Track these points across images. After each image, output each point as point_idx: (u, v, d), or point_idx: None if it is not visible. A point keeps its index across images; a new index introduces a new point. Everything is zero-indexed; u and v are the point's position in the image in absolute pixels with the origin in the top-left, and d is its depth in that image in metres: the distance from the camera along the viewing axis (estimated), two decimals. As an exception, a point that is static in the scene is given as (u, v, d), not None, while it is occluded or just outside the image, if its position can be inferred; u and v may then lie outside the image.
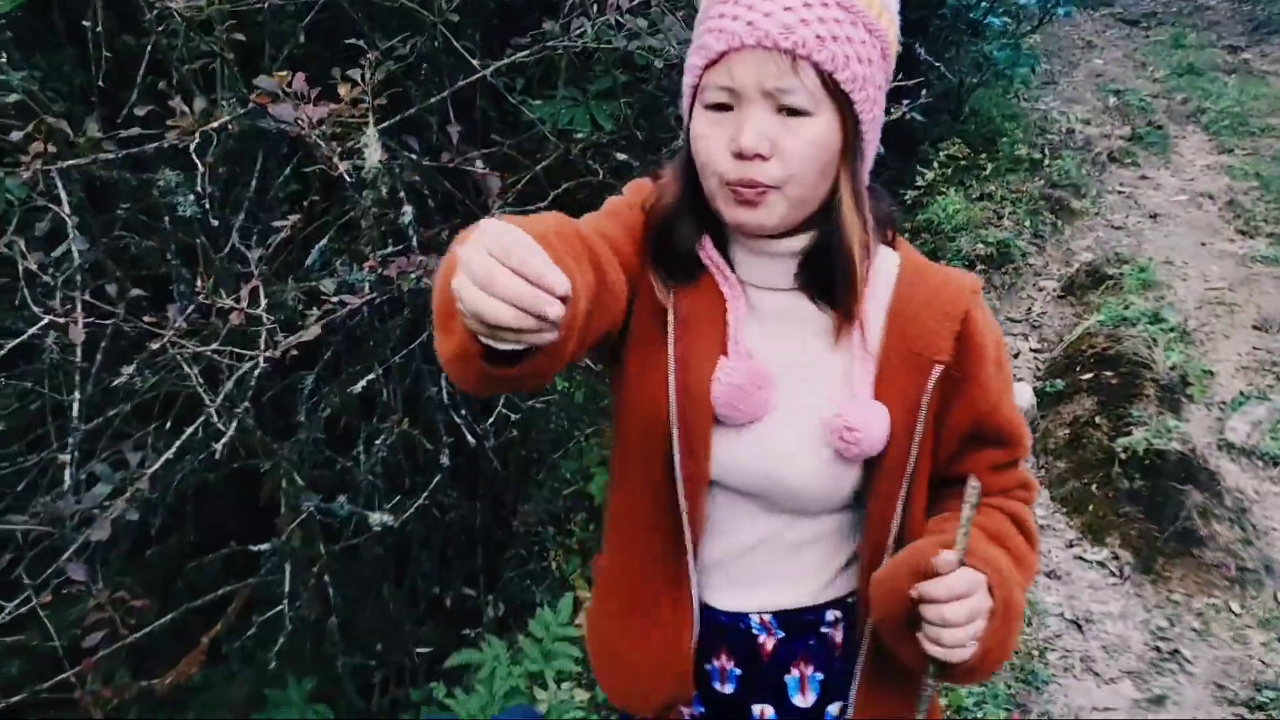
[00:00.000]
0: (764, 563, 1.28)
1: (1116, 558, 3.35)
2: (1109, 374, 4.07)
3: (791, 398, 1.19)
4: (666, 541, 1.25)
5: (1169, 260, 5.31)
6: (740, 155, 1.06)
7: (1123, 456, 3.56)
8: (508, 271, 0.79)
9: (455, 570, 4.32)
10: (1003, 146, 6.54)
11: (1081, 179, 6.39)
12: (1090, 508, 3.54)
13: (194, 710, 3.69)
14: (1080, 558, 3.38)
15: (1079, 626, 3.08)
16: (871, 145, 1.14)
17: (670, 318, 1.19)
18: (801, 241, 1.16)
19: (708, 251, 1.21)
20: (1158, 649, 2.98)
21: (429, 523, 3.87)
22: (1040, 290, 5.31)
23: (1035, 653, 2.94)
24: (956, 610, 1.03)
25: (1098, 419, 3.85)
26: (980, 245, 5.40)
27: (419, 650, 4.12)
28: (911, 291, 1.20)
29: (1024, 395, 4.21)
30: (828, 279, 1.16)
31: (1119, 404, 3.88)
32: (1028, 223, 5.78)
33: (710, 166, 1.09)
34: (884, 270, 1.22)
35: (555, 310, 0.80)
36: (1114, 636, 3.04)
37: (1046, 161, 6.44)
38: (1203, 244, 5.54)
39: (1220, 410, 4.03)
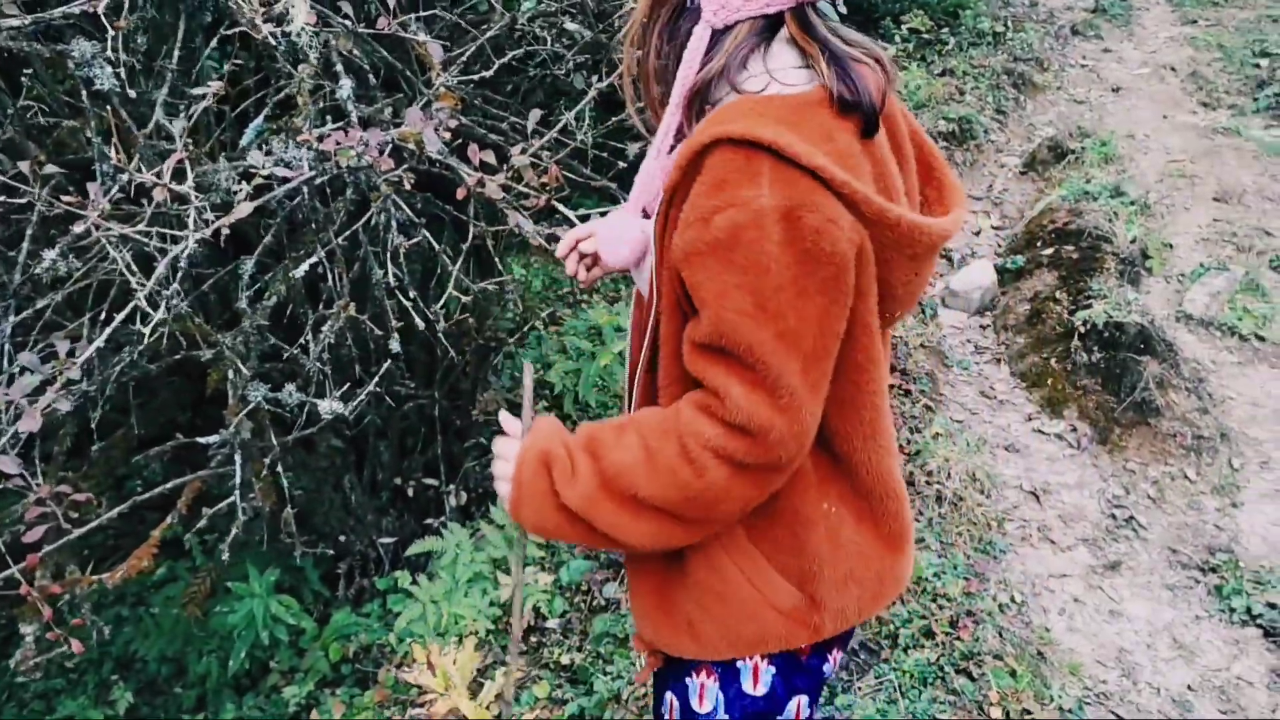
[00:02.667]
0: None
1: (1074, 429, 3.38)
2: (1069, 249, 4.05)
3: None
4: None
5: (1131, 134, 5.26)
6: None
7: (1082, 330, 3.56)
8: None
9: (415, 460, 4.30)
10: (965, 20, 6.38)
11: (1044, 52, 6.28)
12: (1049, 382, 3.56)
13: (156, 605, 3.68)
14: (1039, 431, 3.41)
15: (1036, 497, 3.11)
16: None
17: None
18: None
19: None
20: (1113, 517, 3.03)
21: (386, 413, 3.82)
22: (1002, 167, 5.25)
23: (993, 523, 2.98)
24: (495, 462, 1.24)
25: (1058, 294, 3.84)
26: (943, 121, 5.30)
27: (383, 540, 4.13)
28: (719, 110, 1.12)
29: (985, 272, 4.18)
30: None
31: (1079, 279, 3.87)
32: (990, 98, 5.68)
33: None
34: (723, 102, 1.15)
35: None
36: (1070, 506, 3.08)
37: (1009, 35, 6.30)
38: (1164, 117, 5.48)
39: (1179, 282, 4.04)
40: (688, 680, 1.34)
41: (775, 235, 1.00)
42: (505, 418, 1.28)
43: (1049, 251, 4.11)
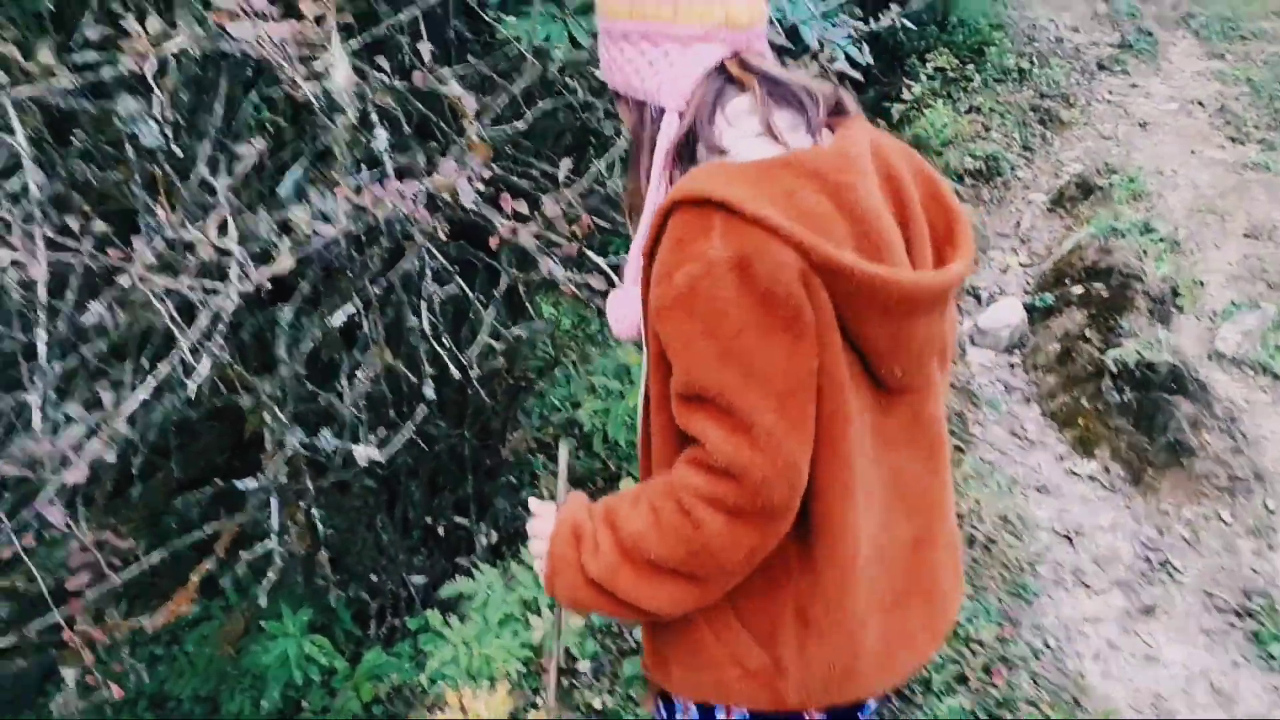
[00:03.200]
0: None
1: (1107, 470, 3.35)
2: (1099, 286, 4.04)
3: None
4: None
5: (1159, 169, 5.24)
6: None
7: (1113, 369, 3.54)
8: None
9: (446, 499, 4.32)
10: (991, 56, 6.41)
11: (1070, 88, 6.29)
12: (1080, 421, 3.54)
13: (190, 644, 3.72)
14: (1071, 472, 3.38)
15: (1069, 540, 3.09)
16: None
17: None
18: None
19: None
20: (1148, 560, 3.00)
21: (417, 453, 3.85)
22: (1029, 203, 5.25)
23: (1025, 566, 2.96)
24: (531, 540, 1.31)
25: (1088, 332, 3.83)
26: (969, 159, 5.33)
27: (414, 580, 4.15)
28: (686, 176, 1.16)
29: (1014, 310, 4.18)
30: None
31: (1109, 316, 3.86)
32: (1016, 135, 5.70)
33: None
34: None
35: None
36: (1104, 548, 3.05)
37: (1035, 71, 6.33)
38: (1193, 152, 5.47)
39: (1211, 320, 4.01)
40: (676, 701, 1.38)
41: (729, 282, 1.06)
42: (534, 504, 1.33)
43: (1079, 289, 4.10)
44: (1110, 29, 7.30)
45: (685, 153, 1.22)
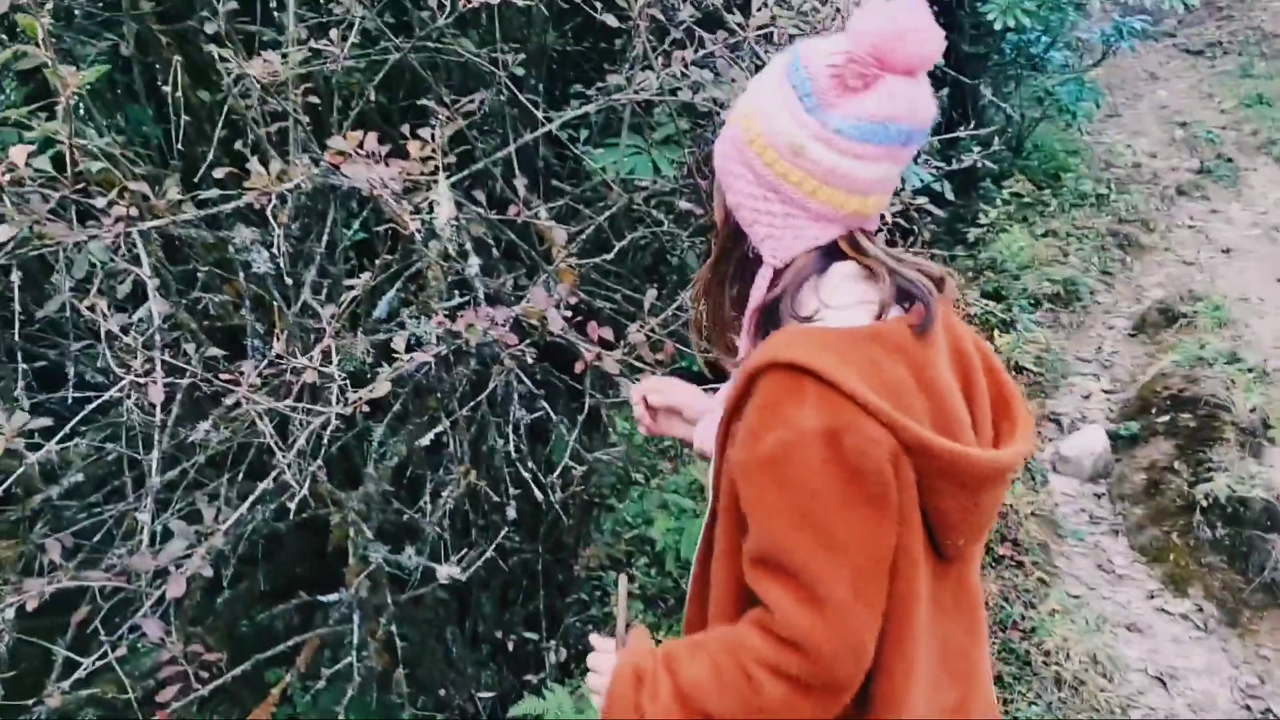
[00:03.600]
0: None
1: (1200, 610, 3.23)
2: (1186, 416, 3.96)
3: None
4: None
5: (1244, 297, 5.17)
6: None
7: (1204, 504, 3.44)
8: None
9: (517, 614, 4.31)
10: (1067, 182, 6.44)
11: (1150, 213, 6.27)
12: (1171, 557, 3.43)
13: (260, 755, 3.71)
14: (1162, 610, 3.27)
15: (1163, 683, 2.96)
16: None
17: None
18: None
19: None
20: (1247, 708, 2.86)
21: (490, 566, 3.87)
22: (1110, 329, 5.19)
23: (1118, 710, 2.84)
24: (590, 675, 1.29)
25: (1176, 464, 3.74)
26: (1047, 283, 5.31)
27: (482, 695, 4.11)
28: (777, 335, 1.19)
29: (1097, 438, 4.10)
30: None
31: (1198, 448, 3.76)
32: (1095, 259, 5.68)
33: None
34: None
35: None
36: (1200, 694, 2.92)
37: (1113, 196, 6.33)
38: (1278, 279, 5.38)
39: (1305, 454, 3.89)
40: None
41: (819, 454, 1.07)
42: (596, 639, 1.34)
43: (1164, 418, 4.02)
44: (1189, 154, 7.30)
45: (769, 311, 1.24)
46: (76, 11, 2.49)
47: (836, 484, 1.07)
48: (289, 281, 2.18)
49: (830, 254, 1.21)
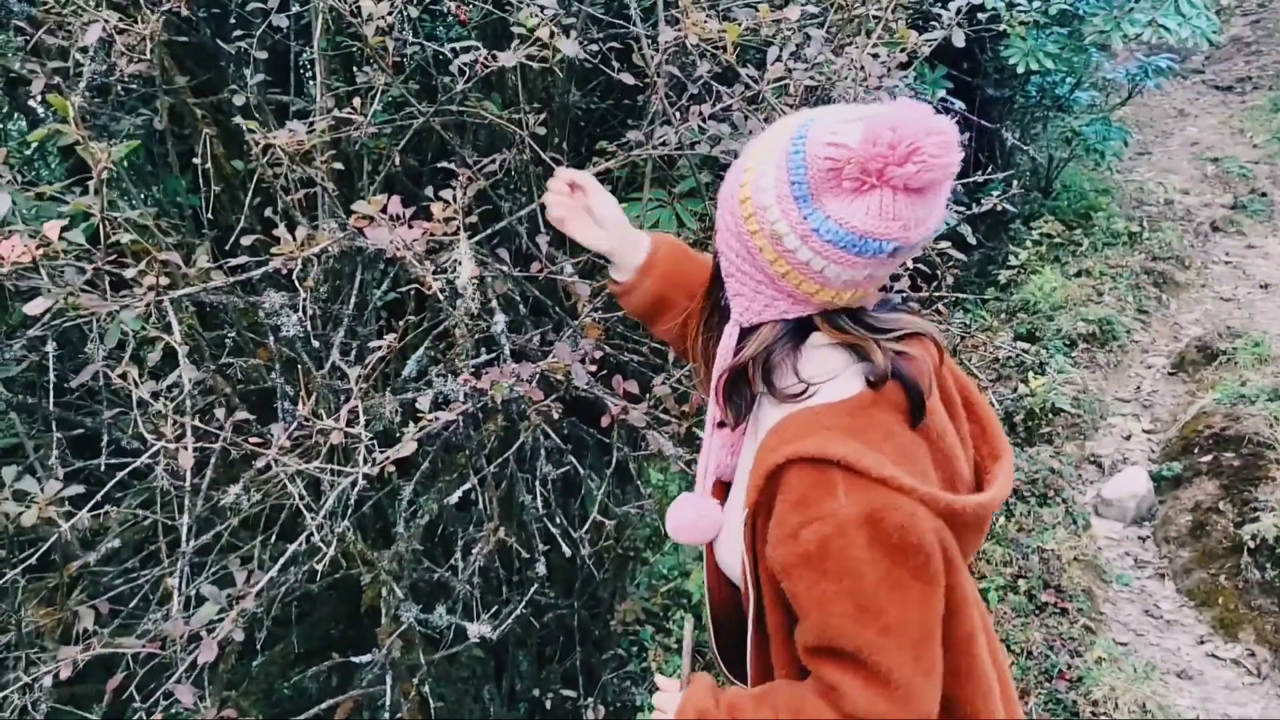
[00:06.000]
0: None
1: (1252, 654, 3.13)
2: (1229, 455, 3.87)
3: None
4: None
5: (1285, 332, 5.08)
6: None
7: (1251, 544, 3.36)
8: None
9: (554, 671, 4.28)
10: (1098, 221, 6.39)
11: (1184, 250, 6.20)
12: (1220, 601, 3.33)
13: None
14: (1213, 655, 3.17)
15: (1217, 732, 2.87)
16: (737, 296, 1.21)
17: None
18: None
19: None
20: (1307, 757, 2.75)
21: (525, 623, 3.85)
22: (1149, 368, 5.11)
23: (1170, 762, 2.75)
24: (654, 715, 1.31)
25: (1221, 504, 3.65)
26: (1081, 323, 5.25)
27: (520, 754, 4.06)
28: (783, 425, 1.17)
29: (1139, 480, 4.02)
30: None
31: (1243, 488, 3.68)
32: (1130, 298, 5.61)
33: None
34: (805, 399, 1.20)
35: None
36: (1257, 743, 2.82)
37: (1145, 234, 6.27)
38: (1321, 314, 5.29)
39: (1356, 492, 3.78)
40: None
41: (861, 540, 1.07)
42: (661, 680, 1.35)
43: (1207, 458, 3.94)
44: (1221, 190, 7.23)
45: (735, 380, 1.22)
46: (113, 87, 2.57)
47: (883, 567, 1.07)
48: (316, 344, 2.20)
49: (804, 328, 1.18)
